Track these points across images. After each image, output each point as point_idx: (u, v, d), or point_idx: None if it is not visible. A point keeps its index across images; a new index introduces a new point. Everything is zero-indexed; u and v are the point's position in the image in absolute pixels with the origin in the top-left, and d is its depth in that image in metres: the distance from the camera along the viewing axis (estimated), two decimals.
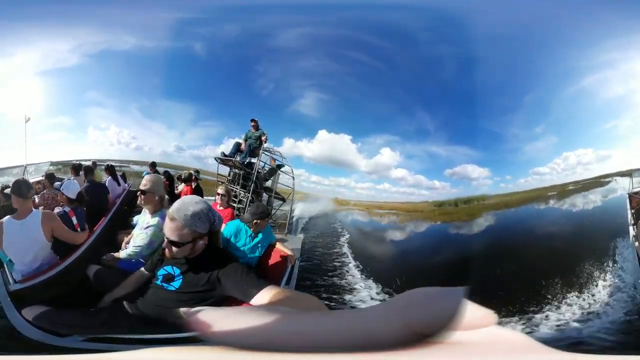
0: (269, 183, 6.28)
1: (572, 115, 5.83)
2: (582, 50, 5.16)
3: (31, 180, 3.36)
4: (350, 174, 7.85)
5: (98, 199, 4.10)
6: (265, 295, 1.13)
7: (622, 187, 5.76)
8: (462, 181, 6.82)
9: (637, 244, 3.56)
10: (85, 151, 6.22)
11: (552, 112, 6.00)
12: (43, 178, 4.48)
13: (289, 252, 2.89)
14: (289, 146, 7.89)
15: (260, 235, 2.81)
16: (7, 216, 2.33)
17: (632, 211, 4.35)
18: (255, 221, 2.73)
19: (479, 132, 6.49)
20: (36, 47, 5.95)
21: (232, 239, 2.78)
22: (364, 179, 7.72)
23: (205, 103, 6.53)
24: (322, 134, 7.73)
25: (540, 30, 5.27)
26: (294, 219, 6.96)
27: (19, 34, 5.69)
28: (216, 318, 0.30)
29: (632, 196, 4.73)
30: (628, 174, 5.36)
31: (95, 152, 6.29)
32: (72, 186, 3.05)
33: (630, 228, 4.07)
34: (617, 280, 4.02)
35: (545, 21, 5.20)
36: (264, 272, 2.77)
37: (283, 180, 6.48)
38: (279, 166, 6.29)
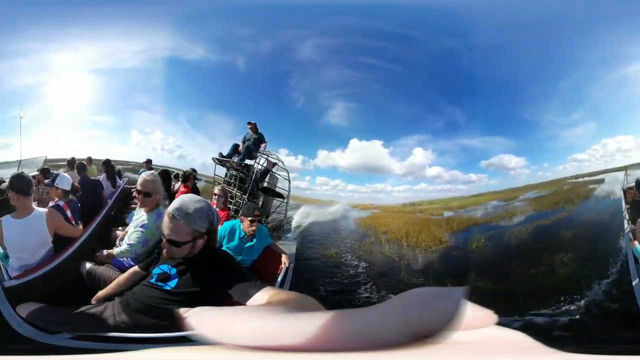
0: (266, 186, 6.25)
1: (612, 101, 5.60)
2: (630, 37, 4.96)
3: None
4: (386, 178, 7.88)
5: (92, 195, 4.07)
6: (263, 296, 1.13)
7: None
8: (500, 172, 6.79)
9: (631, 235, 3.54)
10: (126, 152, 6.20)
11: (591, 98, 5.82)
12: (38, 173, 4.43)
13: (285, 254, 2.89)
14: (323, 158, 7.95)
15: (254, 240, 2.79)
16: (6, 215, 2.23)
17: (627, 206, 4.39)
18: (248, 222, 2.72)
19: (513, 121, 6.39)
20: (101, 44, 5.94)
21: (225, 240, 2.76)
22: (400, 181, 7.72)
23: (244, 117, 6.41)
24: (354, 142, 7.77)
25: (579, 14, 5.03)
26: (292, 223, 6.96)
27: (87, 30, 5.67)
28: (214, 318, 0.30)
29: (626, 191, 4.79)
30: (623, 169, 5.38)
31: (137, 155, 6.29)
32: (66, 179, 3.03)
33: (625, 222, 4.11)
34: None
35: (585, 6, 5.02)
36: (259, 273, 2.75)
37: (282, 185, 6.46)
38: (273, 164, 6.26)
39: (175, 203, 1.50)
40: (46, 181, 3.29)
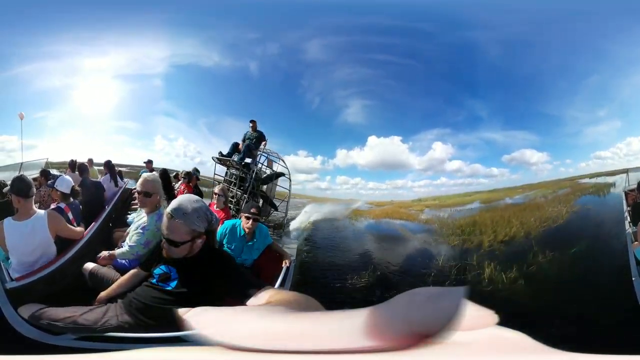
0: (265, 189, 6.23)
1: (639, 100, 5.48)
2: None
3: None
4: (406, 174, 7.91)
5: (93, 196, 4.07)
6: (262, 296, 1.13)
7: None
8: (521, 166, 6.76)
9: (632, 237, 3.53)
10: (150, 157, 6.30)
11: (617, 96, 5.71)
12: (39, 175, 4.44)
13: (285, 253, 2.88)
14: (342, 157, 8.03)
15: (255, 239, 2.79)
16: (7, 218, 2.24)
17: (628, 208, 4.40)
18: (244, 219, 2.72)
19: (536, 115, 6.27)
20: (130, 50, 5.99)
21: (225, 240, 2.76)
22: (420, 177, 7.75)
23: (260, 122, 6.50)
24: (372, 139, 7.82)
25: (610, 10, 4.87)
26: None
27: (119, 36, 5.71)
28: (215, 318, 0.30)
29: (627, 193, 4.77)
30: (624, 172, 5.33)
31: (162, 161, 6.39)
32: (66, 181, 3.03)
33: (626, 223, 4.11)
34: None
35: (617, 2, 4.86)
36: (259, 273, 2.75)
37: (284, 184, 6.45)
38: (278, 175, 6.23)
39: (173, 203, 1.51)
40: (48, 182, 3.30)
